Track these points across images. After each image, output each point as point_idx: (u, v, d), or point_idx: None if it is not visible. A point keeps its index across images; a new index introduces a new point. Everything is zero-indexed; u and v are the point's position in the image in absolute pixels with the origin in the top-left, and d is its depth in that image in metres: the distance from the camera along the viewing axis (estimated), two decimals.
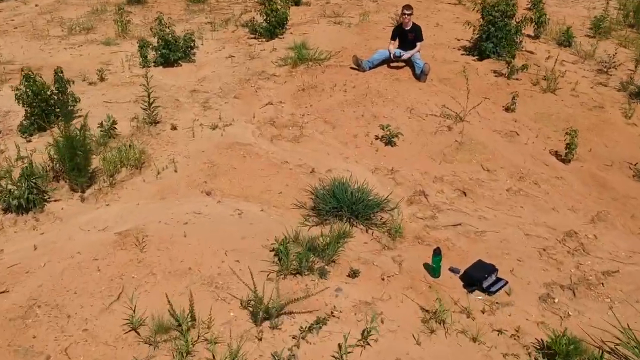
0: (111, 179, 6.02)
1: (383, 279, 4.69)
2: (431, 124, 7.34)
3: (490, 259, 4.94)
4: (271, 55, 9.49)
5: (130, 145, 6.37)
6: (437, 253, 4.66)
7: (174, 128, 7.13)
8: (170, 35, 8.96)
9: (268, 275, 4.59)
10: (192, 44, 9.34)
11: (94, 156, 6.36)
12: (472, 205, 5.79)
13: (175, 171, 6.20)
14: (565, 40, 10.14)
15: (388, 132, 6.84)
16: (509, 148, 6.86)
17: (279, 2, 11.05)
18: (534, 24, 10.21)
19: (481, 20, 9.37)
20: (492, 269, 4.69)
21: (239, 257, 4.82)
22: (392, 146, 6.83)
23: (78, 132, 5.99)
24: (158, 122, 7.28)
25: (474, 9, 9.91)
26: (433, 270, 4.71)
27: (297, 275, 4.63)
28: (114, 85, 8.46)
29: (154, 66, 9.12)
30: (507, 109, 7.77)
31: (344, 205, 5.41)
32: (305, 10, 11.86)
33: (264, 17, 10.23)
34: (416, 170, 6.37)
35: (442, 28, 10.77)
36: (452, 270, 4.81)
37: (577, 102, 8.06)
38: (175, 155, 6.52)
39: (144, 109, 7.18)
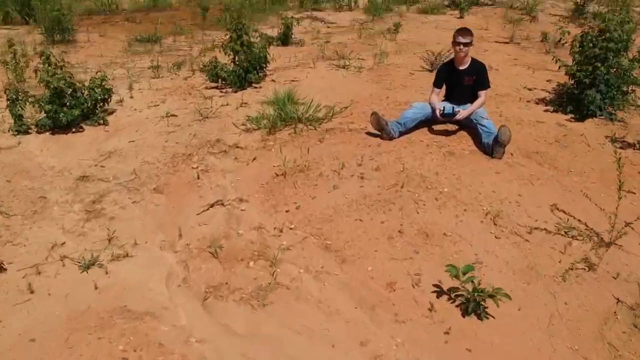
0: None
1: None
2: (546, 252, 3.52)
3: None
4: (237, 113, 5.80)
5: None
6: None
7: None
8: (63, 82, 5.27)
9: None
10: (105, 96, 5.65)
11: None
12: None
13: None
14: None
15: (471, 284, 2.97)
16: None
17: (256, 36, 7.55)
18: None
19: (575, 55, 5.74)
20: None
21: None
22: (480, 319, 2.95)
23: None
24: None
25: (558, 41, 6.27)
26: None
27: None
28: None
29: (37, 132, 5.40)
30: None
31: None
32: (296, 51, 8.30)
33: (231, 56, 6.61)
34: None
35: (499, 73, 7.15)
36: None
37: None
38: None
39: None
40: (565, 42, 5.83)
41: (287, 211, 4.01)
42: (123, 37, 9.21)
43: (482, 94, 5.14)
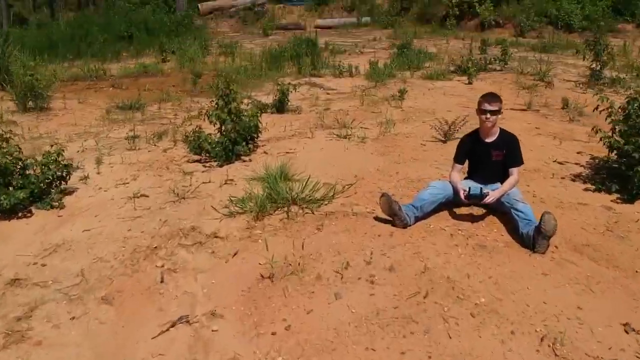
0: None
1: None
2: None
3: None
4: (220, 192, 4.88)
5: None
6: None
7: None
8: (9, 157, 4.38)
9: None
10: (62, 173, 4.74)
11: None
12: None
13: None
14: None
15: None
16: None
17: (245, 103, 6.79)
18: None
19: (616, 124, 4.94)
20: None
21: None
22: None
23: None
24: None
25: (595, 108, 5.47)
26: None
27: None
28: None
29: None
30: None
31: None
32: (292, 119, 7.51)
33: (217, 125, 5.78)
34: None
35: (522, 143, 6.20)
36: None
37: None
38: None
39: None
40: (603, 110, 5.02)
41: (273, 334, 2.99)
42: (104, 104, 8.45)
43: (515, 171, 4.26)
